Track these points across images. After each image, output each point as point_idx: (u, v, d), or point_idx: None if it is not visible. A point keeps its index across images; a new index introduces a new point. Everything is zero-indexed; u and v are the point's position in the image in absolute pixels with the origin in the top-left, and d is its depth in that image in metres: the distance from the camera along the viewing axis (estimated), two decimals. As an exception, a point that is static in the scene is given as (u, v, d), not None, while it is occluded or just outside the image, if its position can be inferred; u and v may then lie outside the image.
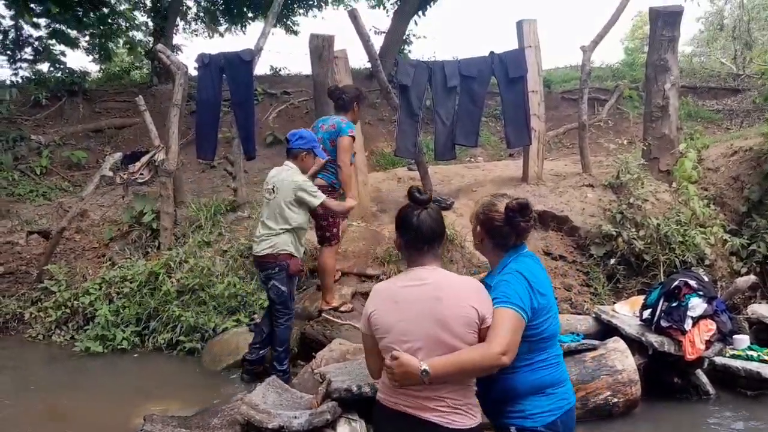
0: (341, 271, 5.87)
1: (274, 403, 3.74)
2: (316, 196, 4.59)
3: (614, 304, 5.26)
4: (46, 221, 7.86)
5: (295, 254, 4.67)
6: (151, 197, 7.16)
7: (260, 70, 15.19)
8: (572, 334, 4.55)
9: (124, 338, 5.77)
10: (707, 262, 5.89)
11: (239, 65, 6.82)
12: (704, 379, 4.61)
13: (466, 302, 2.16)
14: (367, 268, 6.00)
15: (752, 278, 5.56)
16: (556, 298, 2.39)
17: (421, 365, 2.09)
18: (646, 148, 6.95)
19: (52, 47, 13.91)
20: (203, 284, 5.90)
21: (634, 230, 5.87)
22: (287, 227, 4.60)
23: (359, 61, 15.21)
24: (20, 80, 13.47)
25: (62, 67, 13.66)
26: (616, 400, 4.11)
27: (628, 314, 4.84)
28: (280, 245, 4.60)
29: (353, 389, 3.54)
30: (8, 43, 13.60)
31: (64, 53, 14.08)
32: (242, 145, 6.97)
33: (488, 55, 6.62)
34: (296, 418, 3.42)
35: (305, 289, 5.90)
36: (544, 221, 6.26)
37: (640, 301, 4.83)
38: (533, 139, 6.65)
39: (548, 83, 12.89)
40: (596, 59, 17.05)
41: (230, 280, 5.95)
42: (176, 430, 3.77)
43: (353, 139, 5.22)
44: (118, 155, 7.42)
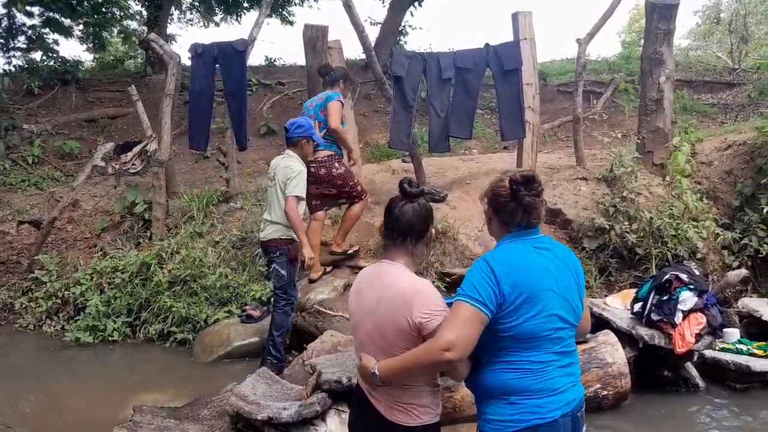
0: (332, 265, 5.87)
1: (263, 394, 3.74)
2: (293, 190, 4.59)
3: (606, 297, 5.26)
4: (37, 211, 7.82)
5: (296, 240, 4.73)
6: (143, 187, 7.13)
7: (255, 60, 15.15)
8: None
9: (114, 329, 5.76)
10: (699, 255, 5.90)
11: (233, 55, 6.77)
12: (694, 372, 4.63)
13: (398, 312, 2.13)
14: (359, 260, 5.99)
15: (743, 272, 5.57)
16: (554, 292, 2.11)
17: (372, 368, 2.14)
18: (640, 141, 6.94)
19: (45, 36, 13.79)
20: (195, 275, 5.89)
21: (626, 223, 5.87)
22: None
23: (354, 51, 15.17)
24: (13, 69, 13.37)
25: (55, 55, 13.55)
26: (606, 392, 4.12)
27: (619, 307, 4.85)
28: (281, 231, 4.70)
29: (343, 381, 3.54)
30: (1, 31, 13.46)
31: (57, 42, 13.98)
32: (234, 135, 6.93)
33: (483, 47, 6.59)
34: (285, 409, 3.42)
35: (297, 280, 5.88)
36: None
37: (631, 294, 4.84)
38: (527, 131, 6.63)
39: (544, 76, 12.87)
40: (593, 52, 17.03)
41: (222, 271, 5.94)
42: (165, 420, 3.77)
43: (341, 104, 5.45)
44: (110, 145, 7.38)
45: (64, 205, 7.00)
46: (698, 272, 4.72)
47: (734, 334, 5.00)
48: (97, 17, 13.94)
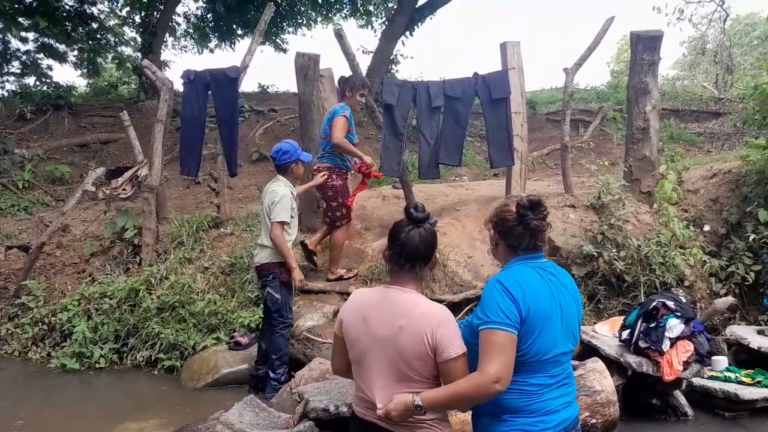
0: (322, 290, 5.89)
1: (250, 422, 3.71)
2: (277, 216, 4.68)
3: (595, 324, 5.27)
4: (26, 236, 7.78)
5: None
6: (133, 213, 7.11)
7: (248, 87, 15.33)
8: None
9: (101, 355, 5.70)
10: (687, 283, 5.93)
11: (225, 82, 6.84)
12: (683, 400, 4.62)
13: (421, 335, 2.12)
14: (349, 286, 5.99)
15: (730, 299, 5.59)
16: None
17: (414, 401, 2.09)
18: (627, 169, 7.02)
19: (39, 61, 13.90)
20: (183, 301, 5.86)
21: (615, 251, 5.90)
22: None
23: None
24: (6, 93, 13.44)
25: (49, 81, 13.64)
26: (594, 420, 4.09)
27: (608, 335, 4.85)
28: (272, 255, 4.77)
29: (330, 409, 3.52)
30: (-5, 56, 13.58)
31: (51, 67, 14.13)
32: (225, 161, 6.96)
33: (472, 76, 6.69)
34: (272, 437, 3.39)
35: (296, 294, 5.86)
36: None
37: (620, 321, 4.85)
38: (516, 159, 6.70)
39: (533, 104, 13.07)
40: (582, 81, 17.39)
41: (211, 297, 5.92)
42: (150, 449, 3.72)
43: (345, 118, 5.70)
44: (101, 170, 7.39)
45: (53, 230, 6.97)
46: (685, 299, 4.74)
47: (722, 362, 5.00)
48: (92, 43, 14.11)
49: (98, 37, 14.24)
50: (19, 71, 13.91)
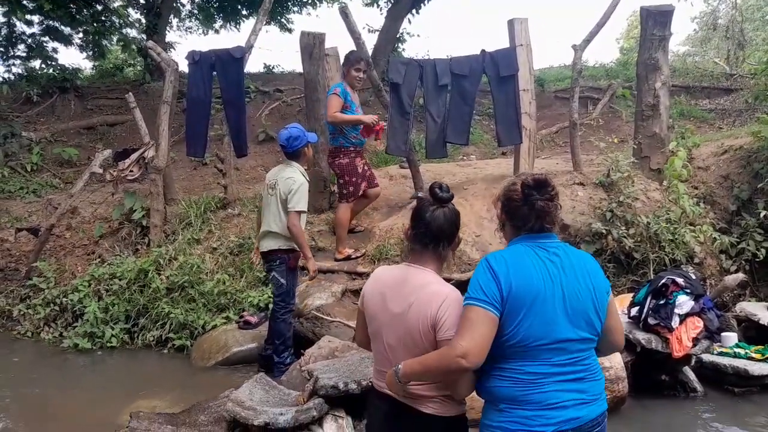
0: (330, 269, 5.92)
1: (260, 400, 3.73)
2: (296, 205, 4.59)
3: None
4: (36, 218, 7.82)
5: (295, 249, 4.75)
6: (141, 194, 7.13)
7: (253, 67, 15.27)
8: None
9: (112, 335, 5.76)
10: (697, 260, 5.90)
11: (230, 62, 6.79)
12: (692, 376, 4.63)
13: (426, 312, 2.12)
14: (357, 266, 6.00)
15: (741, 276, 5.57)
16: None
17: (395, 368, 2.12)
18: (636, 146, 6.96)
19: (44, 44, 13.85)
20: (192, 281, 5.89)
21: (624, 228, 5.87)
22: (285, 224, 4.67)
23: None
24: (12, 77, 13.41)
25: (54, 63, 13.60)
26: (603, 397, 4.11)
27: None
28: (281, 241, 4.71)
29: (340, 386, 3.54)
30: (1, 40, 13.52)
31: (56, 50, 14.04)
32: (233, 142, 6.95)
33: (480, 53, 6.62)
34: (282, 414, 3.42)
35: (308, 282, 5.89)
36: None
37: (629, 298, 4.84)
38: (524, 137, 6.65)
39: (542, 82, 12.92)
40: (591, 58, 17.20)
41: (219, 277, 5.95)
42: (163, 427, 3.77)
43: (337, 95, 5.76)
44: (108, 152, 7.39)
45: (61, 212, 7.01)
46: (695, 276, 4.73)
47: (732, 338, 5.00)
48: (96, 26, 14.00)
49: (103, 19, 14.13)
50: (24, 54, 13.85)
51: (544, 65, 16.14)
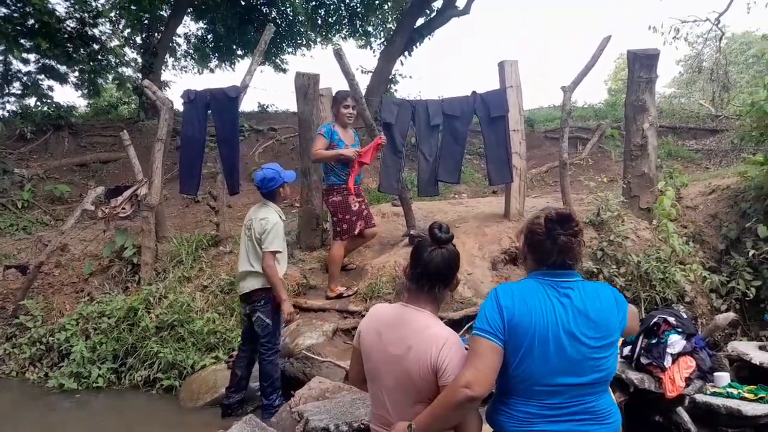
0: (321, 308, 5.89)
1: (249, 442, 3.67)
2: (270, 245, 4.58)
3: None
4: (25, 255, 7.77)
5: None
6: (132, 232, 7.11)
7: (248, 106, 15.44)
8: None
9: (99, 375, 5.66)
10: (687, 299, 5.92)
11: (225, 102, 6.89)
12: (685, 417, 4.58)
13: (426, 356, 2.10)
14: (349, 304, 5.97)
15: (731, 315, 5.57)
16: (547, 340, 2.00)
17: (407, 427, 2.07)
18: (626, 186, 7.04)
19: (40, 82, 14.00)
20: (182, 320, 5.83)
21: (614, 267, 5.90)
22: None
23: (346, 98, 15.39)
24: (6, 114, 13.49)
25: (49, 101, 13.72)
26: (597, 438, 4.06)
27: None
28: (262, 281, 4.67)
29: (330, 428, 3.49)
30: (-4, 77, 13.68)
31: (52, 88, 14.21)
32: (226, 180, 6.98)
33: (471, 94, 6.75)
34: (271, 457, 3.35)
35: (285, 325, 5.84)
36: (521, 252, 6.29)
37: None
38: (515, 176, 6.73)
39: (531, 122, 13.14)
40: (579, 99, 17.52)
41: (209, 316, 5.90)
42: (148, 470, 3.68)
43: (321, 135, 5.90)
44: (100, 189, 7.41)
45: (51, 249, 6.97)
46: (686, 315, 4.73)
47: (724, 378, 4.97)
48: (92, 64, 14.20)
49: (99, 58, 14.35)
50: (19, 92, 14.01)
51: (534, 106, 16.46)
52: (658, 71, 6.99)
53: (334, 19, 15.97)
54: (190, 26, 22.98)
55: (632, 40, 42.44)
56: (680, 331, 4.38)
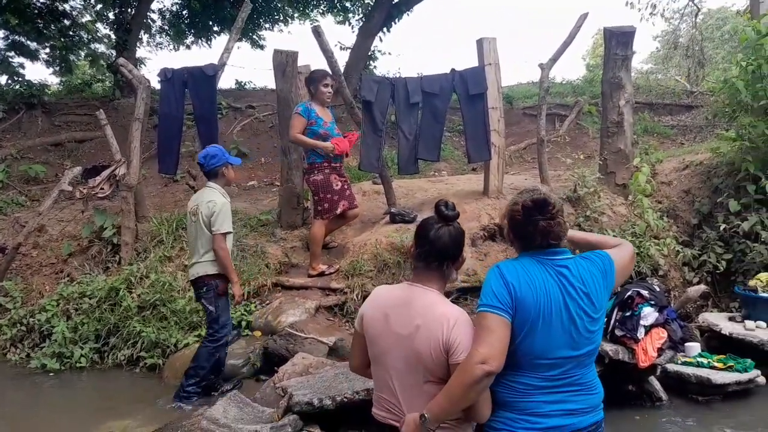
0: (303, 285, 5.95)
1: (235, 417, 3.73)
2: (220, 227, 4.54)
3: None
4: (2, 236, 7.66)
5: (223, 274, 4.68)
6: (111, 212, 7.06)
7: (225, 84, 15.23)
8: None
9: (82, 355, 5.66)
10: (661, 272, 6.09)
11: (202, 80, 6.82)
12: (657, 386, 4.76)
13: (437, 335, 2.09)
14: (331, 282, 6.03)
15: (702, 287, 5.77)
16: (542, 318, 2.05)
17: (421, 416, 2.05)
18: (602, 162, 7.16)
19: (10, 59, 13.66)
20: (164, 299, 5.83)
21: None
22: (211, 249, 4.62)
23: (325, 75, 15.27)
24: (-24, 93, 13.17)
25: (21, 79, 13.41)
26: (573, 408, 4.19)
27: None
28: (207, 267, 4.65)
29: (314, 402, 3.57)
30: (-35, 55, 13.32)
31: (23, 65, 13.86)
32: (205, 159, 6.93)
33: (449, 72, 6.76)
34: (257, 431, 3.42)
35: (268, 303, 5.89)
36: (504, 234, 6.39)
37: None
38: (493, 154, 6.79)
39: (510, 99, 13.18)
40: (558, 76, 17.57)
41: (191, 295, 5.88)
42: (135, 447, 3.74)
43: (299, 114, 5.90)
44: (77, 169, 7.31)
45: (29, 230, 6.90)
46: (658, 288, 4.88)
47: (695, 348, 5.16)
48: (64, 41, 13.88)
49: (71, 34, 14.03)
50: (-11, 70, 13.69)
51: (512, 82, 16.46)
52: (634, 47, 7.08)
53: (311, -7, 15.79)
54: (164, 1, 22.56)
55: (610, 16, 42.55)
56: (653, 303, 4.53)
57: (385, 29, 14.72)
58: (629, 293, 4.60)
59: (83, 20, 14.66)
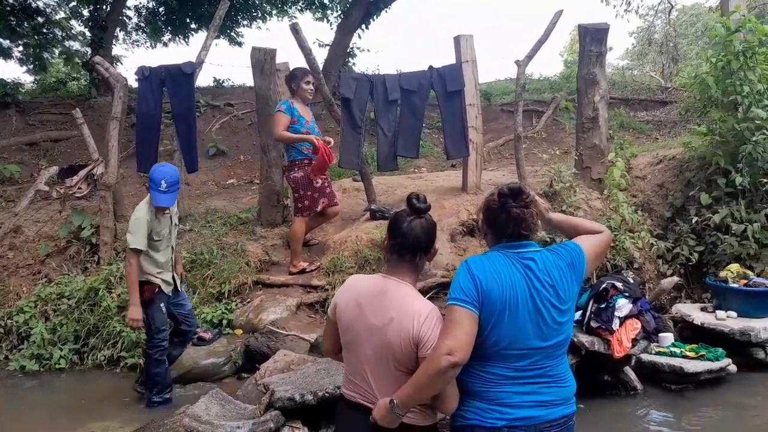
0: (284, 283, 5.97)
1: (217, 414, 3.75)
2: (130, 241, 4.41)
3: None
4: (-24, 238, 7.55)
5: (151, 281, 4.61)
6: (89, 212, 7.00)
7: (203, 81, 15.09)
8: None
9: (61, 356, 5.62)
10: (636, 265, 6.21)
11: (180, 78, 6.80)
12: (632, 375, 4.87)
13: (408, 328, 2.15)
14: (311, 279, 6.06)
15: (675, 279, 5.90)
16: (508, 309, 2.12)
17: (389, 402, 2.12)
18: (578, 157, 7.27)
19: (-18, 58, 13.42)
20: (144, 299, 5.81)
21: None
22: None
23: (304, 73, 15.23)
24: (-52, 92, 12.91)
25: (-7, 78, 13.17)
26: (550, 398, 4.28)
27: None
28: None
29: (296, 398, 3.60)
30: (-65, 53, 13.04)
31: (-5, 64, 13.60)
32: (184, 158, 6.92)
33: (427, 69, 6.82)
34: (239, 428, 3.45)
35: (249, 301, 5.91)
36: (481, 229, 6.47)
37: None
38: (471, 150, 6.87)
39: (488, 96, 13.28)
40: (535, 72, 17.75)
41: (172, 294, 5.89)
42: (117, 446, 3.74)
43: (282, 112, 5.88)
44: (54, 169, 7.26)
45: (5, 231, 6.82)
46: (633, 280, 4.99)
47: (669, 338, 5.28)
48: (38, 38, 13.64)
49: (44, 31, 13.80)
50: (-39, 68, 13.44)
51: (490, 79, 16.59)
52: (610, 44, 7.20)
53: (289, -10, 15.74)
54: (140, -2, 22.21)
55: (586, 12, 42.94)
56: (627, 295, 4.63)
57: (363, 26, 14.74)
58: (604, 285, 4.71)
59: (57, 17, 14.43)
